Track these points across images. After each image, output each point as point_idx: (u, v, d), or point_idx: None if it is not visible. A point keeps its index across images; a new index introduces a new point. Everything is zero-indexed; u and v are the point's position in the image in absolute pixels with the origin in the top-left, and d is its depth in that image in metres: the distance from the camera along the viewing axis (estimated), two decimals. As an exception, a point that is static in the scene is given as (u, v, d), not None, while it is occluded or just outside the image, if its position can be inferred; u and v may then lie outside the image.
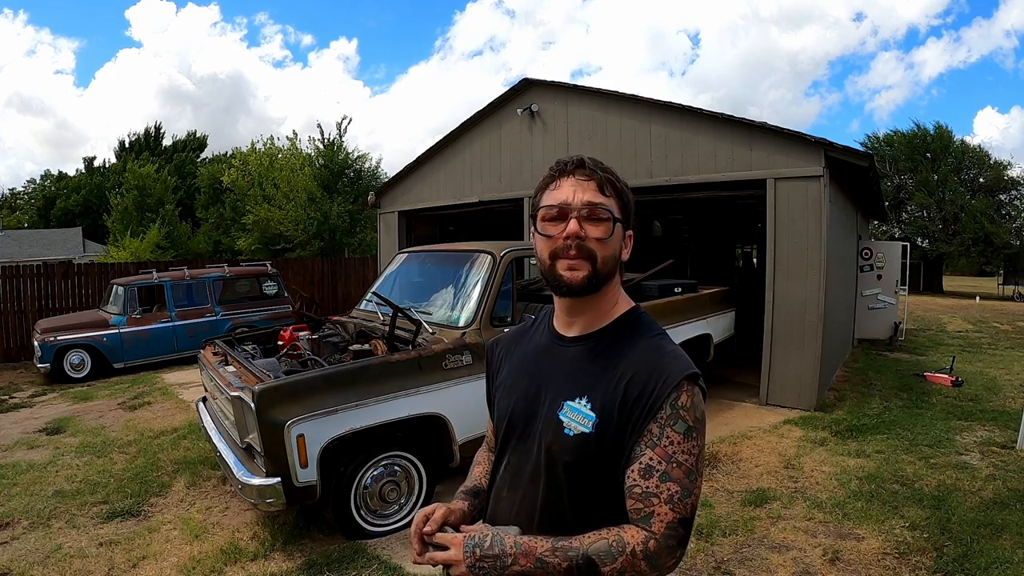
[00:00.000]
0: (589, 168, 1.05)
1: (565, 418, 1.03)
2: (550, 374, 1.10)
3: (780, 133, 5.88)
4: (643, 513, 0.96)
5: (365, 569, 3.01)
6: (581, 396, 1.03)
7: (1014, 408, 5.68)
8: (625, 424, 0.98)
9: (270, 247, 19.63)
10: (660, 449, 0.95)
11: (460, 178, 9.39)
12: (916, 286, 24.07)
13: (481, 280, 4.03)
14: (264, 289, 10.05)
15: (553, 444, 1.03)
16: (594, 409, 1.01)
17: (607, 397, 1.00)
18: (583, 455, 1.01)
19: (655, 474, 0.95)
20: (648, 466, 0.96)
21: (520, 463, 1.10)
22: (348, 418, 3.14)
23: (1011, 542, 3.11)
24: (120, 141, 38.79)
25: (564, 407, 1.04)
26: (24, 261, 17.12)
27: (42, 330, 8.23)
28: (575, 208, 1.02)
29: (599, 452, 1.00)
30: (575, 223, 1.01)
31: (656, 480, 0.95)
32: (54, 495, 3.99)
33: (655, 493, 0.95)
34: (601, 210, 1.02)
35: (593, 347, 1.07)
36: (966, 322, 13.84)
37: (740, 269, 15.96)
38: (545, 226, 1.05)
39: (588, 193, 1.02)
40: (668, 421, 0.96)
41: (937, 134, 26.70)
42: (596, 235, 1.02)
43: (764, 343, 6.05)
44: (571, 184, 1.04)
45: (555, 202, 1.03)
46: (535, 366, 1.14)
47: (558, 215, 1.03)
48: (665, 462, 0.95)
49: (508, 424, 1.14)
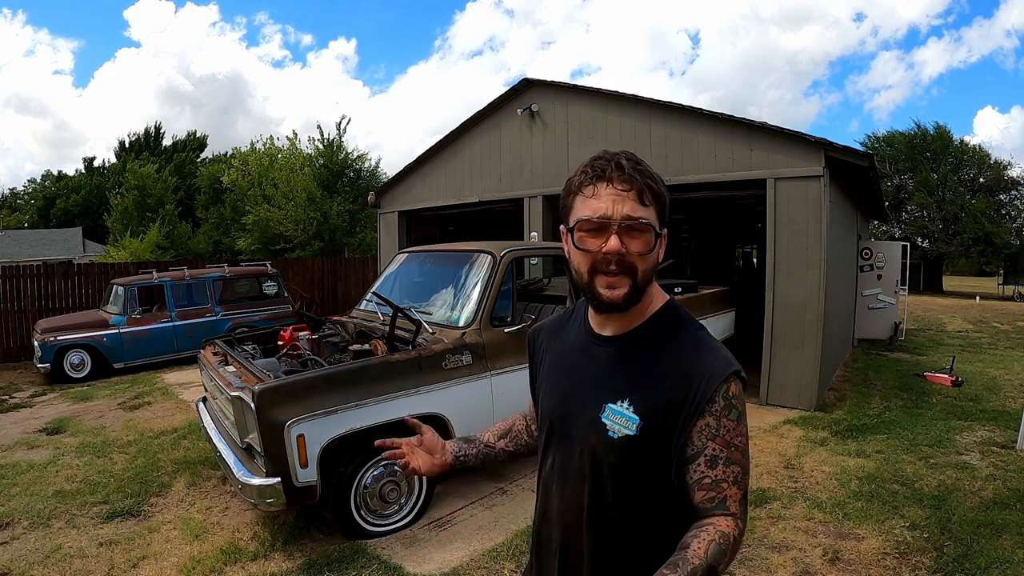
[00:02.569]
0: (628, 174, 0.99)
1: (608, 421, 1.03)
2: (588, 375, 1.10)
3: (780, 133, 5.88)
4: (717, 500, 1.00)
5: (365, 569, 3.00)
6: (623, 399, 1.03)
7: (1014, 408, 5.68)
8: (672, 426, 1.00)
9: (270, 247, 19.63)
10: (720, 439, 0.99)
11: (460, 178, 9.39)
12: (916, 286, 24.08)
13: (481, 280, 4.02)
14: (264, 289, 10.04)
15: (597, 446, 1.05)
16: (637, 411, 1.01)
17: (650, 399, 1.01)
18: (628, 457, 1.02)
19: (720, 462, 0.99)
20: (713, 456, 0.99)
21: (565, 462, 1.12)
22: (348, 418, 3.14)
23: (1011, 542, 3.11)
24: (120, 141, 38.84)
25: (606, 409, 1.04)
26: (24, 261, 17.12)
27: (42, 330, 8.23)
28: (616, 222, 0.98)
29: (644, 454, 1.02)
30: (616, 240, 0.98)
31: (722, 467, 0.99)
32: (54, 495, 3.99)
33: (723, 479, 0.99)
34: (642, 223, 0.99)
35: (631, 346, 1.07)
36: (966, 322, 13.84)
37: (740, 269, 15.96)
38: (583, 239, 1.01)
39: (628, 205, 0.98)
40: (723, 412, 0.99)
41: (937, 134, 26.72)
42: (637, 249, 1.00)
43: (764, 343, 6.05)
44: (610, 194, 0.99)
45: (594, 215, 0.99)
46: (573, 366, 1.14)
47: (597, 228, 1.00)
48: (726, 448, 0.99)
49: (549, 424, 1.16)
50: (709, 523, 0.99)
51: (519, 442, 1.38)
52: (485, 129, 8.89)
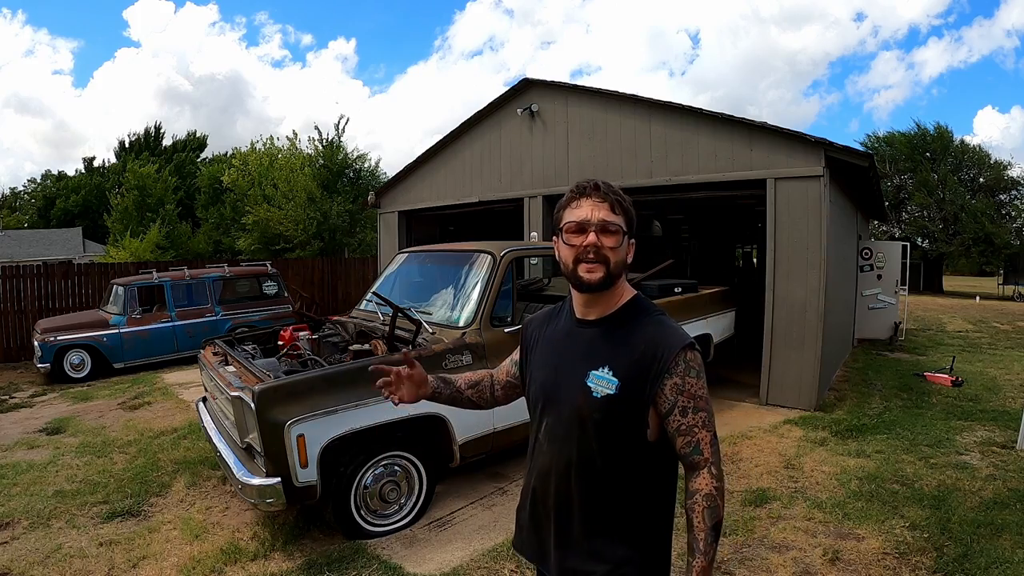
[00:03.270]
0: (603, 192, 1.30)
1: (592, 384, 1.29)
2: (575, 351, 1.36)
3: (780, 133, 5.88)
4: (692, 444, 1.26)
5: (365, 569, 3.01)
6: (603, 366, 1.29)
7: (1014, 408, 5.68)
8: (644, 383, 1.26)
9: (270, 247, 19.61)
10: (687, 393, 1.26)
11: (460, 178, 9.38)
12: (916, 286, 24.07)
13: (481, 280, 4.02)
14: (264, 289, 10.05)
15: (583, 406, 1.29)
16: (616, 375, 1.27)
17: (626, 364, 1.27)
18: (609, 412, 1.27)
19: (689, 411, 1.26)
20: (683, 407, 1.26)
21: (554, 423, 1.36)
22: (348, 418, 3.14)
23: (1011, 542, 3.11)
24: (120, 141, 38.86)
25: (590, 376, 1.29)
26: (24, 261, 17.11)
27: (42, 330, 8.23)
28: (593, 224, 1.28)
29: (623, 408, 1.27)
30: (593, 235, 1.28)
31: (691, 415, 1.26)
32: (54, 495, 3.99)
33: (694, 424, 1.26)
34: (613, 226, 1.29)
35: (608, 328, 1.34)
36: (966, 322, 13.84)
37: (740, 269, 15.97)
38: (570, 237, 1.32)
39: (603, 212, 1.29)
40: (685, 372, 1.26)
41: (937, 134, 26.69)
42: (609, 244, 1.29)
43: (764, 343, 6.05)
44: (589, 204, 1.30)
45: (577, 219, 1.30)
46: (562, 346, 1.40)
47: (579, 229, 1.30)
48: (692, 399, 1.26)
49: (542, 393, 1.40)
50: (695, 483, 1.26)
51: (483, 396, 1.64)
52: (485, 129, 8.89)
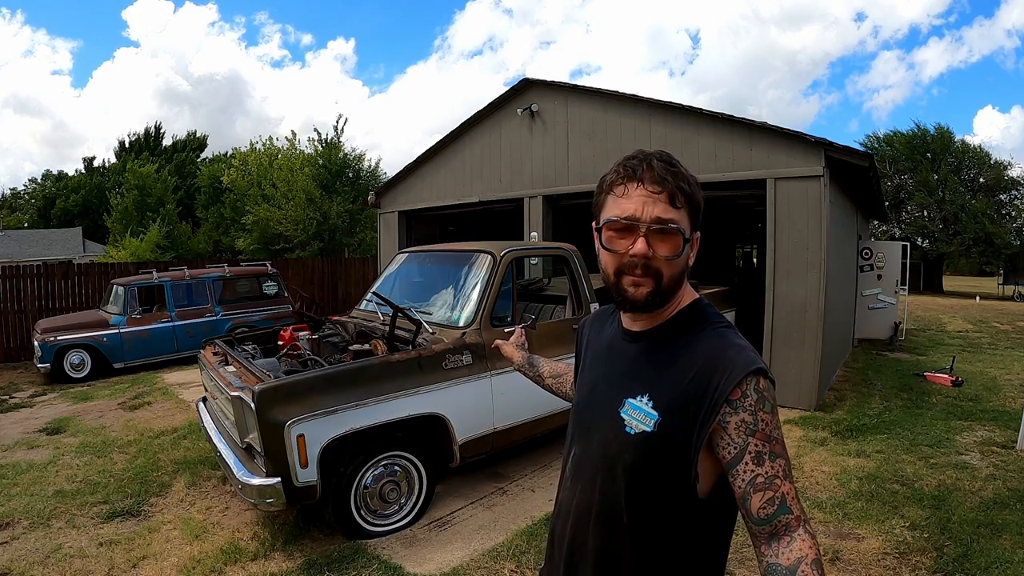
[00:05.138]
0: (660, 176, 0.97)
1: (626, 416, 1.01)
2: (614, 371, 1.10)
3: (780, 133, 5.88)
4: (777, 501, 0.93)
5: (365, 569, 3.00)
6: (643, 394, 1.01)
7: (1014, 408, 5.68)
8: (694, 420, 0.95)
9: (270, 247, 19.62)
10: (760, 433, 0.94)
11: (460, 178, 9.39)
12: (916, 286, 24.08)
13: (481, 280, 4.02)
14: (264, 289, 10.04)
15: (612, 442, 1.02)
16: (656, 407, 0.98)
17: (671, 392, 0.98)
18: (645, 455, 0.99)
19: (766, 458, 0.94)
20: (758, 452, 0.93)
21: (581, 456, 1.11)
22: (348, 418, 3.14)
23: (1011, 542, 3.11)
24: (120, 141, 38.85)
25: (625, 404, 1.02)
26: (24, 261, 17.12)
27: (42, 330, 8.23)
28: (644, 224, 0.97)
29: (663, 451, 0.97)
30: (643, 243, 0.97)
31: (769, 462, 0.94)
32: (54, 495, 3.99)
33: (775, 474, 0.94)
34: (671, 227, 0.97)
35: (654, 343, 1.05)
36: (966, 322, 13.84)
37: (740, 269, 15.95)
38: (612, 239, 1.00)
39: (659, 207, 0.97)
40: (758, 406, 0.94)
41: (937, 134, 26.70)
42: (664, 253, 0.98)
43: (764, 343, 6.05)
44: (641, 195, 0.98)
45: (623, 214, 0.98)
46: (603, 361, 1.15)
47: (625, 229, 0.99)
48: (768, 443, 0.94)
49: (575, 416, 1.17)
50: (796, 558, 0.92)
51: (562, 389, 1.55)
52: (485, 129, 8.89)
